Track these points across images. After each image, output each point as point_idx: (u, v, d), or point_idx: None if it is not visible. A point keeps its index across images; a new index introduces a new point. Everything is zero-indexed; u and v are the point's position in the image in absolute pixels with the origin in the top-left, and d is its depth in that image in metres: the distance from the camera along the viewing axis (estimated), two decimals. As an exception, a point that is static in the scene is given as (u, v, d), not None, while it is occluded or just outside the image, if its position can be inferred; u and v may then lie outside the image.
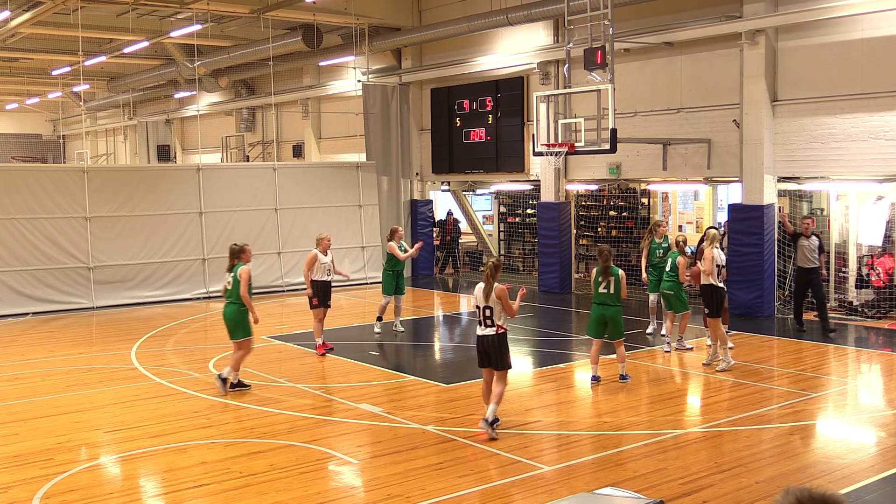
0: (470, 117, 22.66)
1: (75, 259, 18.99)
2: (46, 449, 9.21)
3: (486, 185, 24.68)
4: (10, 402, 11.18)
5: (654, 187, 20.09)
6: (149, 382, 12.17)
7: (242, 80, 30.85)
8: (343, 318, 17.50)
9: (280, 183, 21.94)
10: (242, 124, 31.98)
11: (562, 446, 9.27)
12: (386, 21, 22.98)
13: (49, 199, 18.96)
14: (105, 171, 23.97)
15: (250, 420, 10.28)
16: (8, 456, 9.02)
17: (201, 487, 8.06)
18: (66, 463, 8.75)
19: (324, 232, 15.46)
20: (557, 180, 20.42)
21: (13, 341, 15.72)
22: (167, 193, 20.36)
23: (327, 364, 13.31)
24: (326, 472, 8.60)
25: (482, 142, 22.40)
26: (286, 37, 23.89)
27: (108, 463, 9.04)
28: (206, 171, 21.42)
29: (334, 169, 23.76)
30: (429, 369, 13.59)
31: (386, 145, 23.94)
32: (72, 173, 20.14)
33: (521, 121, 21.30)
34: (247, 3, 21.34)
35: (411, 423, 9.93)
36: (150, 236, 19.97)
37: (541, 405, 11.00)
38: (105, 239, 19.42)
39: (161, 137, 38.14)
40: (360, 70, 24.62)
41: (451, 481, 8.03)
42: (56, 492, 7.96)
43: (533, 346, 15.01)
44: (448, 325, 17.93)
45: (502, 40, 21.30)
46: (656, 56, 18.25)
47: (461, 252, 25.73)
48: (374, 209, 23.34)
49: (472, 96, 22.54)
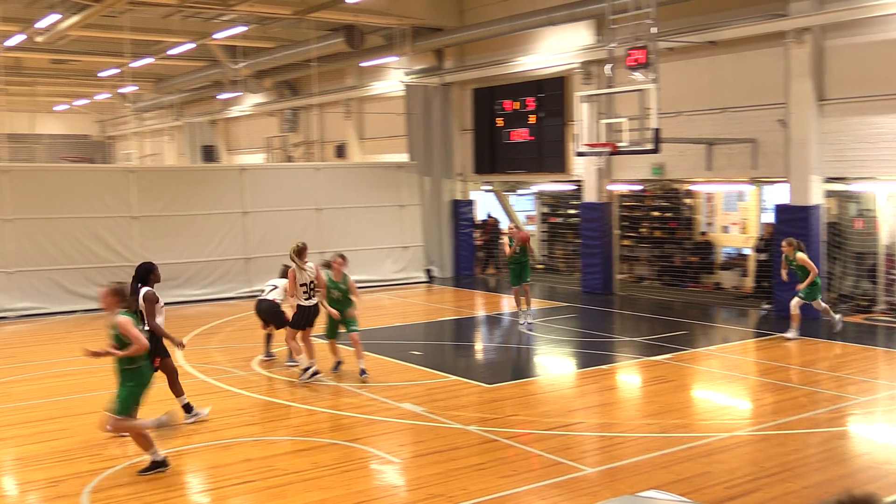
0: (511, 117, 22.62)
1: (122, 258, 19.27)
2: (95, 444, 9.36)
3: (527, 185, 24.62)
4: (59, 397, 11.39)
5: (698, 188, 19.89)
6: (194, 380, 12.31)
7: (286, 81, 31.09)
8: (385, 318, 17.56)
9: (322, 183, 22.09)
10: (286, 125, 32.23)
11: (605, 448, 9.22)
12: (428, 21, 23.01)
13: (97, 198, 19.29)
14: (151, 171, 24.33)
15: (294, 418, 10.37)
16: (58, 450, 9.20)
17: (245, 484, 8.14)
18: (114, 458, 8.90)
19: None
20: (600, 180, 20.31)
21: (63, 338, 16.01)
22: (211, 193, 20.61)
23: (370, 363, 13.36)
24: (368, 470, 8.64)
25: (524, 142, 22.35)
26: (328, 38, 24.04)
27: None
28: (250, 172, 21.65)
29: (376, 169, 23.88)
30: (471, 369, 13.59)
31: (428, 145, 23.99)
32: (119, 174, 20.51)
33: (562, 121, 21.21)
34: (290, 4, 21.50)
35: (453, 422, 9.93)
36: (195, 236, 20.22)
37: (583, 406, 10.95)
38: (151, 238, 19.70)
39: (206, 138, 38.59)
40: (402, 70, 24.70)
41: (493, 482, 8.03)
42: (104, 486, 8.09)
43: (576, 347, 14.95)
44: (490, 325, 17.92)
45: (544, 40, 21.22)
46: (700, 55, 18.07)
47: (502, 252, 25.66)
48: (416, 209, 23.40)
49: (514, 96, 22.49)
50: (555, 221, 24.59)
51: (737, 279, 19.58)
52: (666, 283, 20.51)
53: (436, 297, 21.18)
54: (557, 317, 17.51)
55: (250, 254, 20.73)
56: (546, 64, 21.15)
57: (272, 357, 13.29)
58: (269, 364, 13.08)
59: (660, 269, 20.89)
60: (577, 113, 16.59)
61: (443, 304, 19.83)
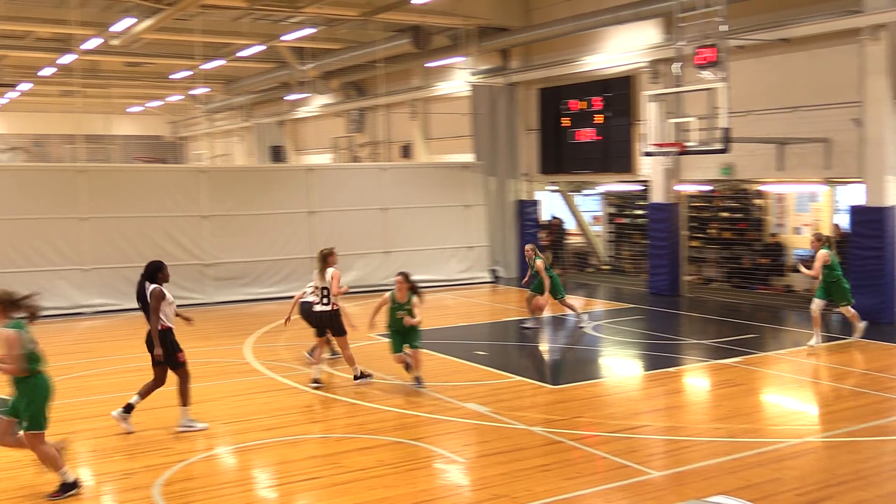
0: (577, 117, 22.47)
1: (193, 256, 19.69)
2: (166, 438, 9.60)
3: (592, 185, 24.44)
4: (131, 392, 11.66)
5: (769, 188, 19.50)
6: (262, 377, 12.51)
7: (352, 82, 31.38)
8: (449, 318, 17.60)
9: (388, 183, 22.24)
10: (352, 125, 32.51)
11: (671, 452, 9.09)
12: (493, 21, 22.99)
13: (169, 198, 19.73)
14: (221, 171, 24.76)
15: (359, 416, 10.46)
16: (130, 443, 9.44)
17: (312, 480, 8.25)
18: (185, 452, 9.09)
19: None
20: (668, 181, 20.06)
21: (134, 334, 16.33)
22: (279, 193, 20.92)
23: (434, 363, 13.41)
24: (433, 469, 8.68)
25: (589, 142, 22.18)
26: (395, 39, 24.20)
27: (223, 453, 9.34)
28: (316, 172, 21.91)
29: (441, 169, 23.95)
30: (535, 370, 13.54)
31: (493, 146, 23.98)
32: (190, 174, 20.94)
33: (629, 120, 21.00)
34: (356, 6, 21.70)
35: (518, 423, 9.92)
36: (263, 235, 20.54)
37: (650, 409, 10.83)
38: (220, 237, 20.08)
39: (274, 139, 39.18)
40: (467, 71, 24.73)
41: (558, 483, 7.99)
42: (175, 479, 8.27)
43: (642, 349, 14.79)
44: (555, 326, 17.83)
45: (611, 39, 21.04)
46: (771, 53, 17.71)
47: (568, 253, 25.54)
48: (481, 209, 23.40)
49: (580, 96, 22.34)
50: (621, 222, 24.35)
51: (808, 281, 19.11)
52: (735, 285, 20.16)
53: (500, 297, 21.16)
54: (623, 318, 17.35)
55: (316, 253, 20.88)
56: (613, 63, 20.96)
57: (336, 356, 13.34)
58: (334, 362, 13.19)
59: (728, 271, 20.54)
60: (644, 112, 16.40)
61: (507, 304, 19.79)
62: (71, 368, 12.77)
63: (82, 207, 18.90)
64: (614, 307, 18.98)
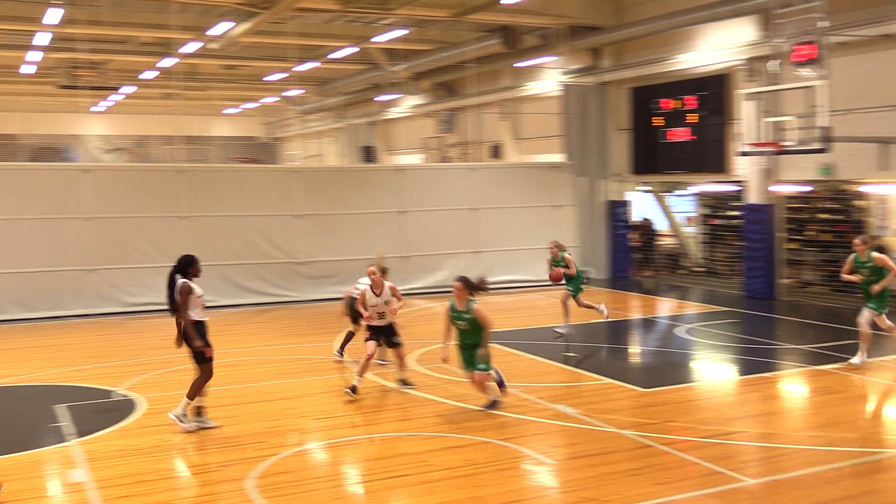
0: (669, 116, 22.11)
1: (286, 254, 20.09)
2: (260, 432, 9.82)
3: (684, 185, 24.01)
4: (227, 386, 11.98)
5: (871, 189, 18.83)
6: (352, 374, 12.67)
7: (443, 83, 31.53)
8: (539, 319, 17.54)
9: (478, 183, 22.29)
10: (442, 126, 32.68)
11: (767, 459, 8.88)
12: (584, 20, 22.80)
13: (263, 197, 20.20)
14: (314, 171, 25.18)
15: (448, 415, 10.50)
16: (226, 436, 9.70)
17: (400, 478, 8.33)
18: (277, 446, 9.29)
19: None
20: (764, 181, 19.57)
21: (231, 330, 16.84)
22: (370, 193, 21.19)
23: (522, 363, 13.39)
24: (521, 470, 8.66)
25: (682, 141, 21.80)
26: (485, 39, 24.23)
27: (314, 449, 9.51)
28: (406, 172, 22.12)
29: (531, 169, 23.90)
30: (626, 372, 13.38)
31: (583, 145, 23.79)
32: (284, 174, 21.39)
33: (723, 119, 20.55)
34: (447, 6, 21.80)
35: (607, 426, 9.82)
36: (354, 234, 20.82)
37: (744, 415, 10.58)
38: (313, 236, 20.44)
39: (365, 139, 39.68)
40: (557, 70, 24.59)
41: (648, 488, 7.88)
42: (268, 473, 8.46)
43: (736, 353, 14.47)
44: (645, 328, 17.59)
45: (705, 36, 20.62)
46: (874, 49, 17.08)
47: (659, 254, 25.17)
48: (571, 210, 23.24)
49: (673, 95, 21.97)
50: (715, 223, 23.87)
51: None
52: (834, 288, 19.52)
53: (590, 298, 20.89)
54: (717, 321, 17.01)
55: (406, 252, 21.17)
56: (707, 61, 20.55)
57: (385, 363, 13.07)
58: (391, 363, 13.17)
59: (827, 275, 19.90)
60: (739, 111, 16.05)
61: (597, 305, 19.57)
62: (170, 362, 13.17)
63: (181, 206, 19.49)
64: (707, 310, 18.61)
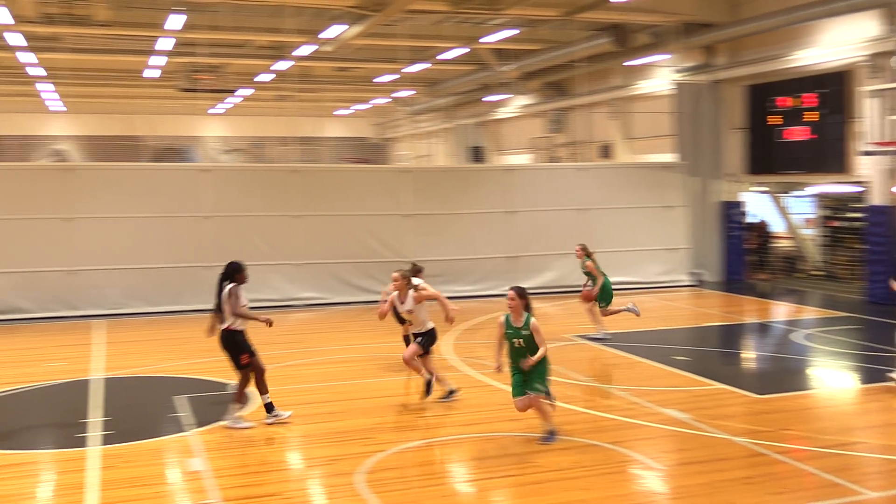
0: (786, 115, 21.38)
1: (395, 253, 20.32)
2: (368, 428, 9.97)
3: (802, 186, 23.20)
4: (337, 382, 12.23)
5: None
6: (460, 373, 12.74)
7: (552, 83, 31.34)
8: (649, 321, 17.23)
9: (587, 183, 22.07)
10: (551, 125, 32.49)
11: (890, 472, 8.48)
12: (698, 17, 22.28)
13: (373, 197, 20.49)
14: (423, 171, 25.41)
15: (556, 417, 10.41)
16: (336, 431, 9.89)
17: (507, 478, 8.32)
18: (385, 443, 9.41)
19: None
20: (888, 182, 18.72)
21: (341, 327, 17.18)
22: (478, 193, 21.24)
23: (632, 366, 13.19)
24: (629, 474, 8.53)
25: (800, 141, 21.06)
26: (595, 38, 23.97)
27: (421, 446, 9.58)
28: (515, 172, 22.08)
29: (641, 169, 23.52)
30: (739, 378, 13.00)
31: (696, 145, 23.26)
32: (394, 174, 21.66)
33: (843, 118, 19.74)
34: (557, 5, 21.65)
35: (720, 432, 9.57)
36: (462, 234, 20.91)
37: (865, 425, 10.15)
38: (421, 235, 20.62)
39: (474, 139, 39.81)
40: (669, 69, 24.12)
41: (761, 497, 7.65)
42: (376, 468, 8.58)
43: (857, 361, 13.89)
44: (760, 332, 17.08)
45: (824, 32, 19.86)
46: None
47: (774, 257, 24.40)
48: (683, 210, 22.76)
49: (790, 92, 21.24)
50: (835, 225, 22.99)
51: None
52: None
53: (703, 301, 20.51)
54: (837, 327, 16.35)
55: (515, 252, 21.13)
56: (826, 58, 19.79)
57: None
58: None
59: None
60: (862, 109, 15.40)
61: (710, 308, 19.17)
62: (284, 357, 13.51)
63: (295, 205, 19.96)
64: (827, 315, 17.94)
